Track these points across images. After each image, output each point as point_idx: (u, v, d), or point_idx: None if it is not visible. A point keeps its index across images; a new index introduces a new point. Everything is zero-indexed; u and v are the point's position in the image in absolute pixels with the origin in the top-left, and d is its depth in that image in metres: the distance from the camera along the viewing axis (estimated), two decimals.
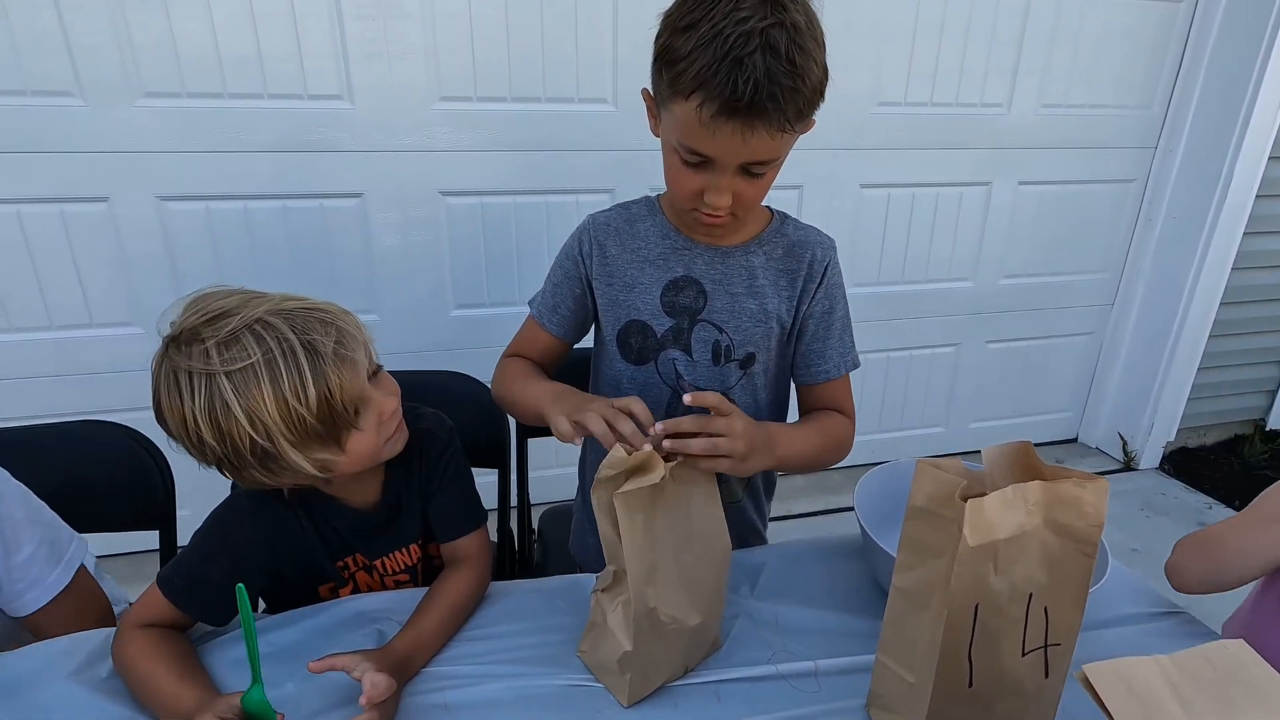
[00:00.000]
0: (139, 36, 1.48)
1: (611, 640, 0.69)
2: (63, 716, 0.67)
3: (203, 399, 0.67)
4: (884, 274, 2.14)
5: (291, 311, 0.71)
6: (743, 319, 0.90)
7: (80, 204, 1.56)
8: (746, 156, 0.75)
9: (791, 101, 0.70)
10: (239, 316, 0.68)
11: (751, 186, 0.78)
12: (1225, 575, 0.81)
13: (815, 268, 0.91)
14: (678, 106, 0.73)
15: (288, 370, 0.68)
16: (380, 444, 0.77)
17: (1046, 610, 0.62)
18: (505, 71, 1.69)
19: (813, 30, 0.72)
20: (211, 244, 1.66)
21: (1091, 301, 2.39)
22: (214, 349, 0.67)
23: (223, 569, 0.76)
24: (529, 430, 1.33)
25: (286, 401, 0.68)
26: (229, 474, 0.74)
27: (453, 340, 1.87)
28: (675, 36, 0.72)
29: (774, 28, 0.68)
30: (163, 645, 0.72)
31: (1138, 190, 2.27)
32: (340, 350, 0.71)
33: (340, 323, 0.73)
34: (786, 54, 0.69)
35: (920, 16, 1.89)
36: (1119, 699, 0.41)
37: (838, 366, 0.95)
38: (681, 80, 0.71)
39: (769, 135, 0.72)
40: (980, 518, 0.56)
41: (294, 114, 1.60)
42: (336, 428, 0.72)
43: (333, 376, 0.69)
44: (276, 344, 0.68)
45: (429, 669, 0.74)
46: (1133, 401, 2.42)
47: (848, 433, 0.95)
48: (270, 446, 0.69)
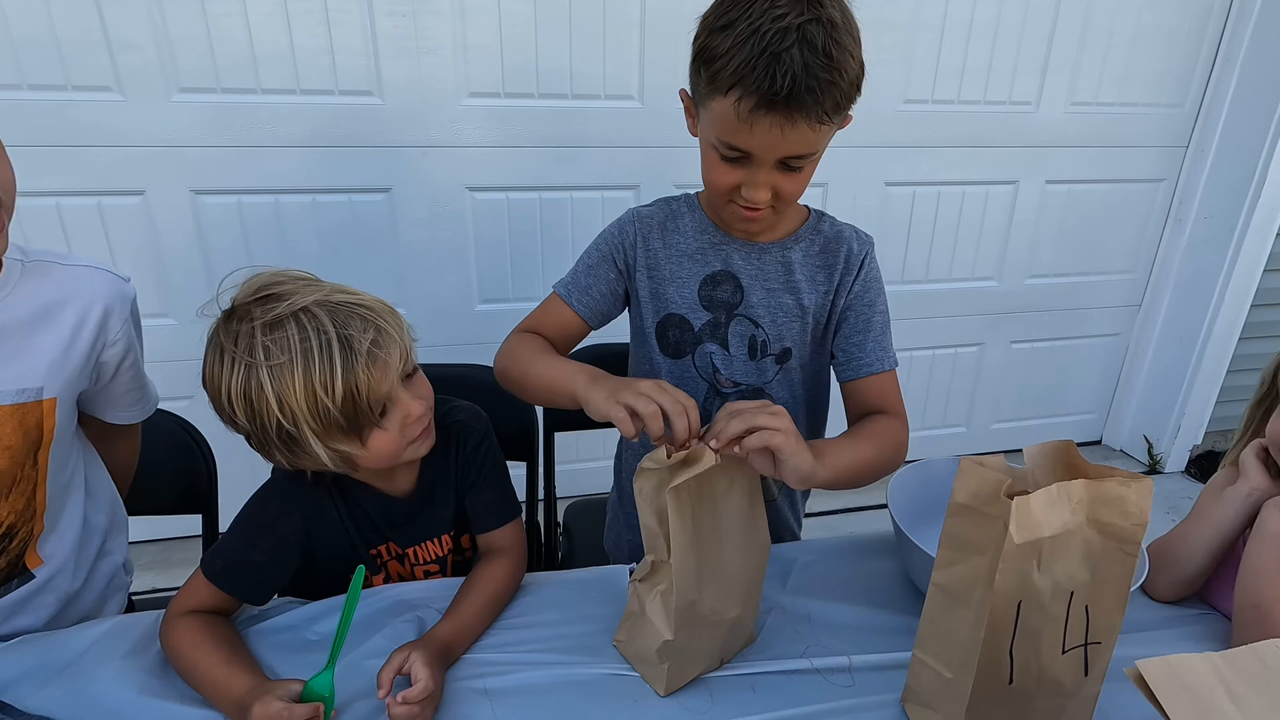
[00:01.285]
0: (176, 33, 1.50)
1: (650, 630, 0.70)
2: (116, 696, 0.69)
3: (240, 376, 0.70)
4: (908, 273, 2.14)
5: (337, 305, 0.72)
6: (779, 314, 0.91)
7: (117, 197, 1.59)
8: (784, 151, 0.76)
9: (829, 94, 0.72)
10: (287, 302, 0.70)
11: (790, 181, 0.79)
12: (1179, 566, 0.84)
13: (851, 261, 0.92)
14: (716, 103, 0.74)
15: (320, 362, 0.69)
16: (402, 445, 0.77)
17: (1087, 608, 0.62)
18: (533, 68, 1.70)
19: (849, 25, 0.74)
20: (243, 237, 1.69)
21: (1118, 302, 2.37)
22: (259, 329, 0.69)
23: (263, 550, 0.78)
24: (556, 424, 1.34)
25: (314, 392, 0.69)
26: (255, 448, 0.76)
27: (477, 334, 1.88)
28: (713, 36, 0.73)
29: (811, 24, 0.70)
30: (209, 631, 0.73)
31: (1167, 190, 2.24)
32: (374, 349, 0.72)
33: (380, 321, 0.73)
34: (824, 48, 0.70)
35: (949, 14, 1.88)
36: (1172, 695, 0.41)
37: (880, 360, 0.92)
38: (720, 77, 0.72)
39: (808, 128, 0.73)
40: (1026, 515, 0.57)
41: (325, 109, 1.63)
42: (359, 424, 0.73)
43: (362, 374, 0.70)
44: (315, 334, 0.69)
45: (468, 656, 0.75)
46: (1159, 404, 2.39)
47: (902, 435, 0.90)
48: (295, 431, 0.71)
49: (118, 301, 0.77)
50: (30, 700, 0.68)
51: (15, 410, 0.70)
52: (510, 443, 1.23)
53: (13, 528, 0.75)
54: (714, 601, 0.70)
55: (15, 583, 0.78)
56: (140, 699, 0.68)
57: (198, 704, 0.69)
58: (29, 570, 0.79)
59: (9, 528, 0.75)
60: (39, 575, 0.79)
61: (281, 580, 0.82)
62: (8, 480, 0.72)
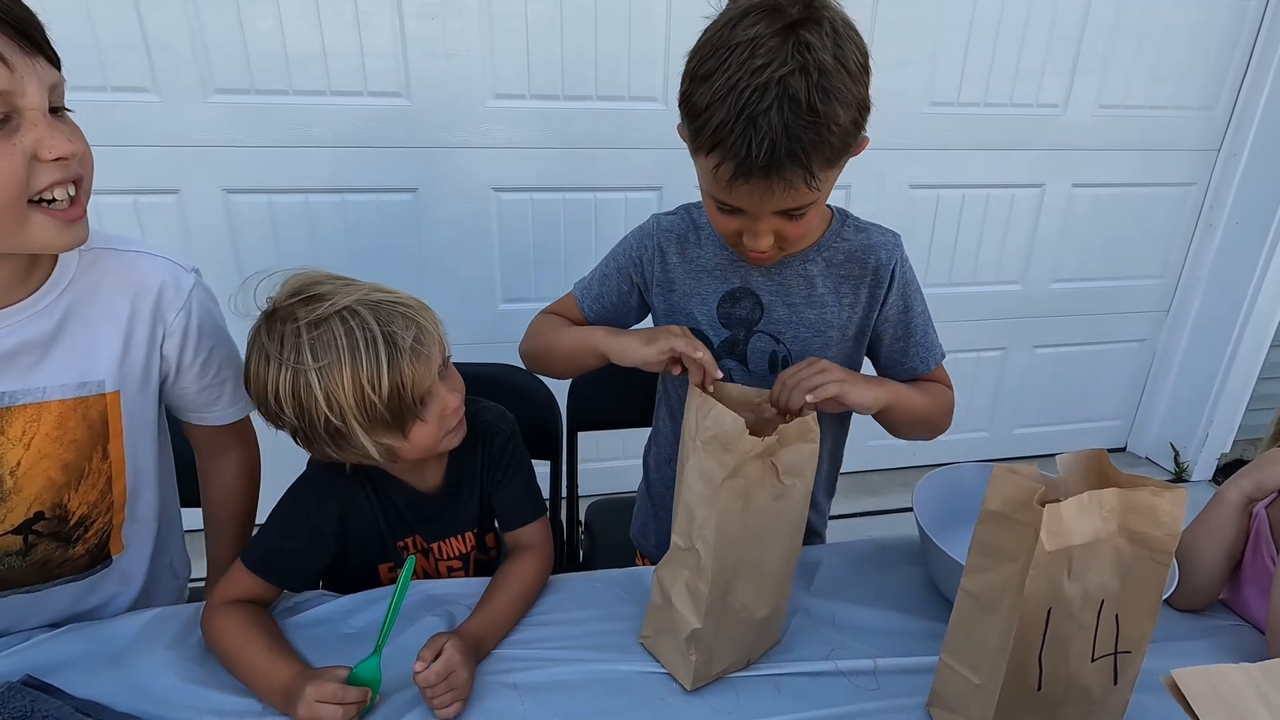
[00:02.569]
0: (212, 35, 1.53)
1: (678, 619, 0.71)
2: (160, 683, 0.71)
3: (288, 374, 0.71)
4: (930, 275, 2.12)
5: (378, 303, 0.74)
6: (800, 329, 0.89)
7: (153, 195, 1.63)
8: (774, 207, 0.72)
9: (816, 152, 0.67)
10: (330, 302, 0.72)
11: (792, 226, 0.75)
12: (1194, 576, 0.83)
13: (883, 272, 0.88)
14: (700, 160, 0.73)
15: (367, 358, 0.71)
16: (440, 436, 0.79)
17: (1118, 617, 0.62)
18: (559, 70, 1.71)
19: (843, 65, 0.66)
20: (273, 235, 1.72)
21: (1146, 307, 2.33)
22: (304, 329, 0.71)
23: (299, 539, 0.81)
24: (579, 423, 1.35)
25: (362, 387, 0.71)
26: (301, 444, 0.78)
27: (499, 333, 1.90)
28: (694, 85, 0.69)
29: (793, 75, 0.64)
30: (250, 621, 0.75)
31: (1198, 194, 2.20)
32: (417, 346, 0.74)
33: (420, 319, 0.76)
34: (808, 102, 0.64)
35: (977, 14, 1.86)
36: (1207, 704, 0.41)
37: (925, 363, 0.92)
38: (700, 136, 0.69)
39: (792, 190, 0.69)
40: (1058, 523, 0.57)
41: (354, 110, 1.65)
42: (403, 417, 0.75)
43: (406, 369, 0.73)
44: (361, 332, 0.72)
45: (497, 651, 0.77)
46: (1187, 411, 2.35)
47: (951, 400, 0.94)
48: (342, 426, 0.73)
49: (172, 290, 0.75)
50: (79, 686, 0.70)
51: (78, 404, 0.71)
52: (534, 442, 1.25)
53: (86, 518, 0.76)
54: (746, 598, 0.71)
55: (99, 568, 0.81)
56: (184, 686, 0.71)
57: (238, 693, 0.71)
58: (110, 557, 0.81)
59: (82, 518, 0.76)
60: (117, 561, 0.82)
61: (319, 568, 0.84)
62: (76, 472, 0.73)
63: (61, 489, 0.73)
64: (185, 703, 0.69)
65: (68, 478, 0.73)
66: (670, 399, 1.02)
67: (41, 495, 0.72)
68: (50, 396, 0.69)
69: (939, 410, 0.91)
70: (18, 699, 0.64)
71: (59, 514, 0.74)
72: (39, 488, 0.71)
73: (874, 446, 2.31)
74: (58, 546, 0.75)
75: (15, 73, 0.55)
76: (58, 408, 0.70)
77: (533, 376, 1.24)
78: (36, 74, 0.57)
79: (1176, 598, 0.85)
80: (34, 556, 0.74)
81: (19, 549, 0.73)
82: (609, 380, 1.31)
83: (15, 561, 0.74)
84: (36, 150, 0.58)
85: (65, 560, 0.77)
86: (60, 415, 0.70)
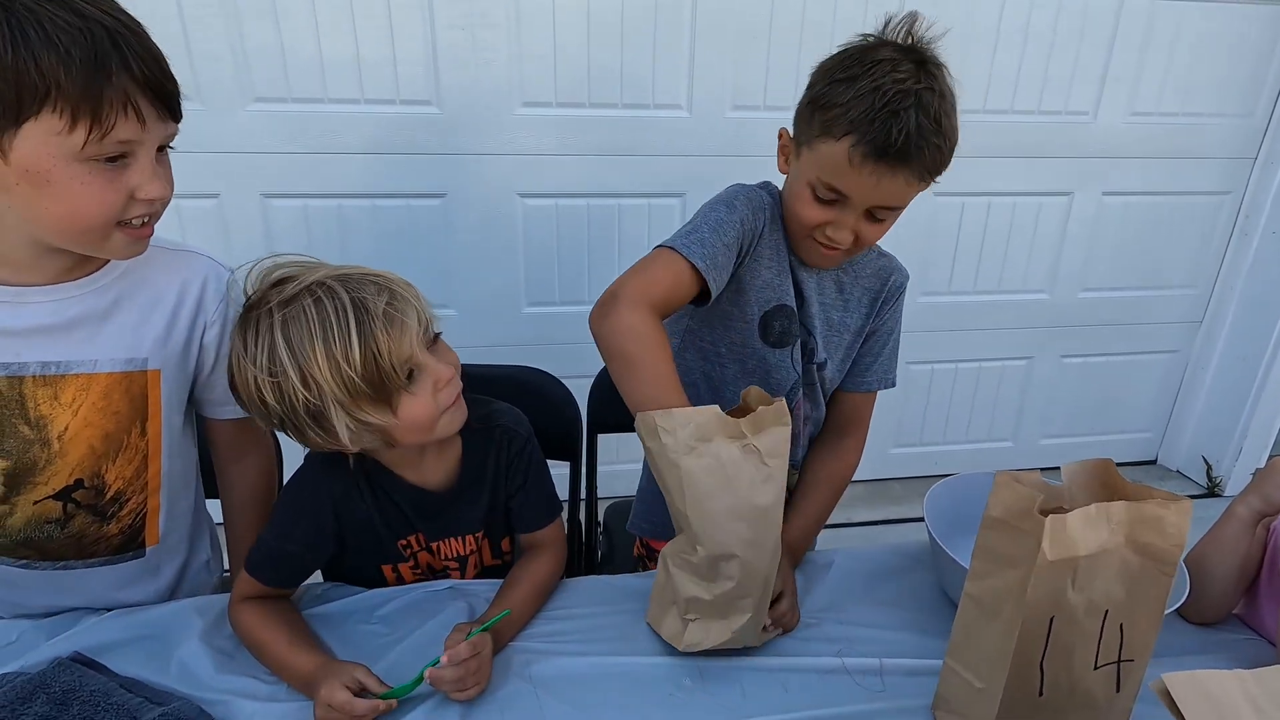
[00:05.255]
0: (252, 44, 1.60)
1: (677, 590, 0.74)
2: (197, 668, 0.76)
3: (264, 359, 0.71)
4: (955, 283, 2.11)
5: (347, 276, 0.74)
6: (826, 328, 0.97)
7: (195, 200, 1.70)
8: (877, 200, 0.82)
9: (934, 155, 0.79)
10: (298, 281, 0.72)
11: (872, 229, 0.85)
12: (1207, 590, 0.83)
13: (893, 292, 1.00)
14: (825, 146, 0.81)
15: (338, 327, 0.70)
16: (437, 413, 0.77)
17: (1122, 626, 0.63)
18: (585, 78, 1.74)
19: (953, 100, 0.82)
20: (307, 239, 1.77)
21: (1177, 318, 2.29)
22: (275, 309, 0.71)
23: (297, 540, 0.81)
24: (599, 425, 1.38)
25: (336, 360, 0.70)
26: (293, 436, 0.76)
27: (524, 336, 1.94)
28: (834, 86, 0.80)
29: (926, 91, 0.78)
30: (270, 615, 0.78)
31: (1233, 203, 2.16)
32: (390, 311, 0.72)
33: (394, 287, 0.74)
34: (935, 115, 0.78)
35: (1004, 22, 1.85)
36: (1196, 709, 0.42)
37: (880, 380, 1.03)
38: (836, 123, 0.79)
39: (905, 182, 0.80)
40: (1061, 533, 0.58)
41: (386, 118, 1.70)
42: (386, 389, 0.73)
43: (381, 336, 0.71)
44: (330, 302, 0.71)
45: (513, 644, 0.80)
46: (1219, 424, 2.30)
47: (854, 469, 1.05)
48: (320, 405, 0.71)
49: (213, 282, 0.81)
50: (122, 666, 0.75)
51: (123, 378, 0.76)
52: (554, 443, 1.27)
53: (121, 493, 0.80)
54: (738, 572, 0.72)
55: (130, 555, 0.85)
56: (218, 675, 0.75)
57: (270, 681, 0.75)
58: (143, 546, 0.85)
59: (117, 493, 0.80)
60: (150, 553, 0.86)
61: (320, 565, 0.86)
62: (115, 444, 0.78)
63: (101, 458, 0.78)
64: (219, 686, 0.73)
65: (107, 448, 0.78)
66: None
67: (83, 462, 0.77)
68: (100, 369, 0.75)
69: (837, 499, 1.04)
70: (67, 674, 0.68)
71: (96, 484, 0.78)
72: (81, 454, 0.76)
73: (894, 455, 2.30)
74: (94, 520, 0.80)
75: (146, 129, 0.64)
76: (106, 379, 0.75)
77: (555, 380, 1.27)
78: (161, 129, 0.66)
79: (1190, 610, 0.85)
80: (71, 529, 0.79)
81: (58, 517, 0.78)
82: None
83: (54, 530, 0.78)
84: (136, 190, 0.66)
85: (100, 538, 0.81)
86: (107, 387, 0.76)
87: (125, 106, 0.61)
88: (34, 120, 0.59)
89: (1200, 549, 0.84)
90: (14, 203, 0.64)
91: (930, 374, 2.21)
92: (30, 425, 0.73)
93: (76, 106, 0.59)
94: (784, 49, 1.79)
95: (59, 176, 0.62)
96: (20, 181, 0.62)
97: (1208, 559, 0.83)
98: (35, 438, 0.74)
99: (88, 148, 0.61)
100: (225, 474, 0.93)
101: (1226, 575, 0.82)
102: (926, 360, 2.18)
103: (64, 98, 0.59)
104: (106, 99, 0.60)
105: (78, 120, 0.60)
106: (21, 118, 0.59)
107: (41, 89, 0.58)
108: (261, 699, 0.73)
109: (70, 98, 0.59)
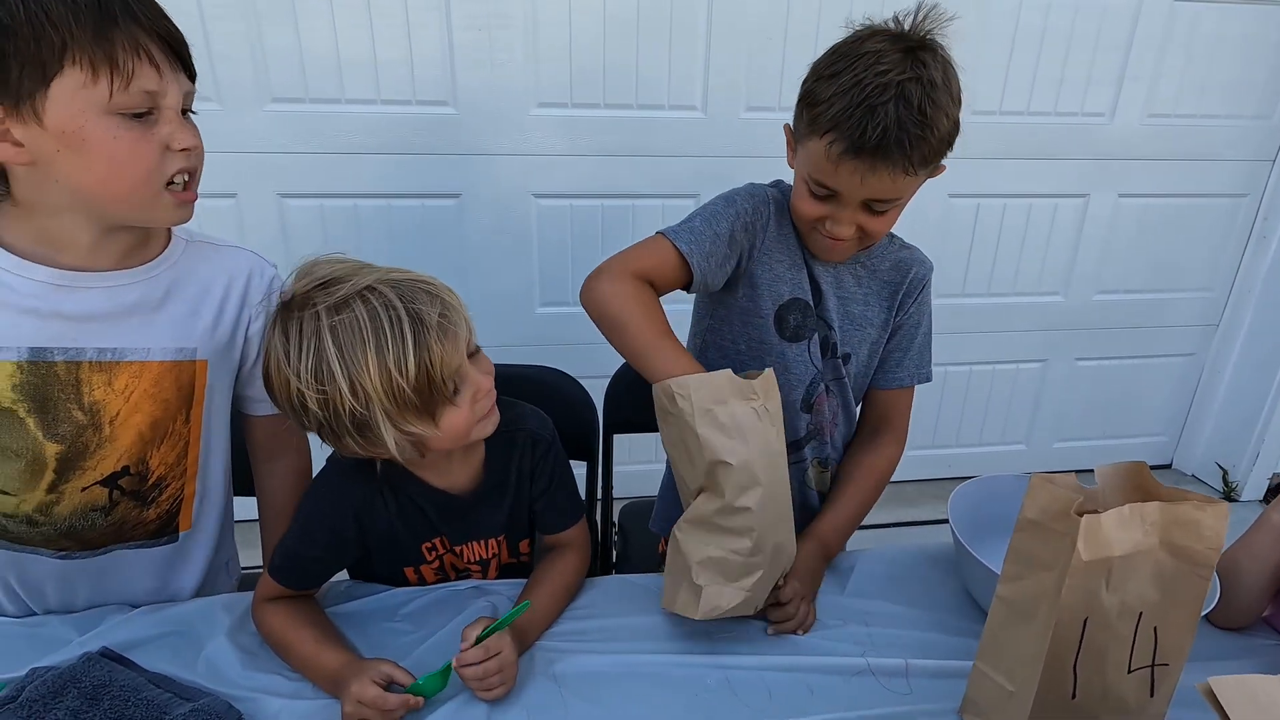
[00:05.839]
0: (270, 45, 1.60)
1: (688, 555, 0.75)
2: (224, 665, 0.76)
3: (310, 361, 0.68)
4: (969, 285, 2.10)
5: (399, 281, 0.72)
6: (846, 321, 0.97)
7: (212, 199, 1.70)
8: (866, 194, 0.81)
9: (917, 148, 0.77)
10: (350, 283, 0.70)
11: (874, 221, 0.85)
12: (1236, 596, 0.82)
13: (915, 284, 0.98)
14: (812, 143, 0.81)
15: (392, 338, 0.68)
16: (473, 422, 0.77)
17: (1156, 630, 0.62)
18: (600, 79, 1.74)
19: (949, 86, 0.79)
20: (323, 238, 1.78)
21: (1194, 321, 2.27)
22: (324, 314, 0.68)
23: (319, 545, 0.81)
24: (614, 426, 1.38)
25: (389, 371, 0.68)
26: (329, 441, 0.75)
27: (537, 336, 1.94)
28: (820, 82, 0.80)
29: (910, 81, 0.76)
30: (295, 614, 0.78)
31: (1251, 205, 2.14)
32: (444, 322, 0.71)
33: (445, 296, 0.74)
34: (919, 105, 0.76)
35: (1020, 23, 1.85)
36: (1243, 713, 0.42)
37: (912, 376, 1.02)
38: (819, 120, 0.79)
39: (890, 177, 0.79)
40: (1096, 534, 0.57)
41: (403, 118, 1.71)
42: (433, 401, 0.72)
43: (435, 347, 0.70)
44: (385, 312, 0.69)
45: (537, 642, 0.79)
46: (1236, 429, 2.28)
47: (894, 465, 1.04)
48: (368, 415, 0.69)
49: (258, 276, 0.84)
50: (150, 663, 0.75)
51: (174, 367, 0.79)
52: (571, 443, 1.26)
53: (163, 479, 0.82)
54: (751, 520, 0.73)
55: (164, 539, 0.86)
56: (245, 672, 0.75)
57: (295, 678, 0.75)
58: (177, 531, 0.87)
59: (159, 479, 0.82)
60: (183, 538, 0.87)
61: (343, 567, 0.86)
62: (161, 430, 0.80)
63: (148, 444, 0.80)
64: (246, 683, 0.74)
65: (154, 434, 0.80)
66: None
67: (131, 448, 0.79)
68: (153, 357, 0.78)
69: (876, 496, 1.03)
70: (97, 669, 0.68)
71: (141, 470, 0.80)
72: (130, 440, 0.78)
73: (908, 457, 2.25)
74: (135, 506, 0.82)
75: (164, 79, 0.67)
76: (157, 368, 0.78)
77: (572, 380, 1.27)
78: (177, 83, 0.69)
79: (1218, 615, 0.84)
80: (114, 516, 0.81)
81: (104, 505, 0.80)
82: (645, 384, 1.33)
83: (98, 519, 0.80)
84: (169, 142, 0.69)
85: (139, 523, 0.83)
86: (159, 375, 0.78)
87: (138, 52, 0.64)
88: (60, 77, 0.62)
89: (1231, 554, 0.83)
90: (60, 174, 0.67)
91: (944, 376, 2.20)
92: (84, 410, 0.75)
93: (93, 54, 0.62)
94: (799, 50, 1.78)
95: (93, 133, 0.65)
96: (60, 147, 0.65)
97: (1239, 565, 0.82)
98: (88, 422, 0.76)
99: (114, 99, 0.64)
100: (261, 472, 0.94)
101: (1257, 582, 0.81)
102: (940, 362, 2.14)
103: (79, 47, 0.62)
104: (119, 43, 0.63)
105: (98, 70, 0.63)
106: (49, 75, 0.62)
107: (58, 42, 0.61)
108: (287, 696, 0.73)
109: (85, 46, 0.62)
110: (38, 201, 0.70)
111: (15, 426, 0.73)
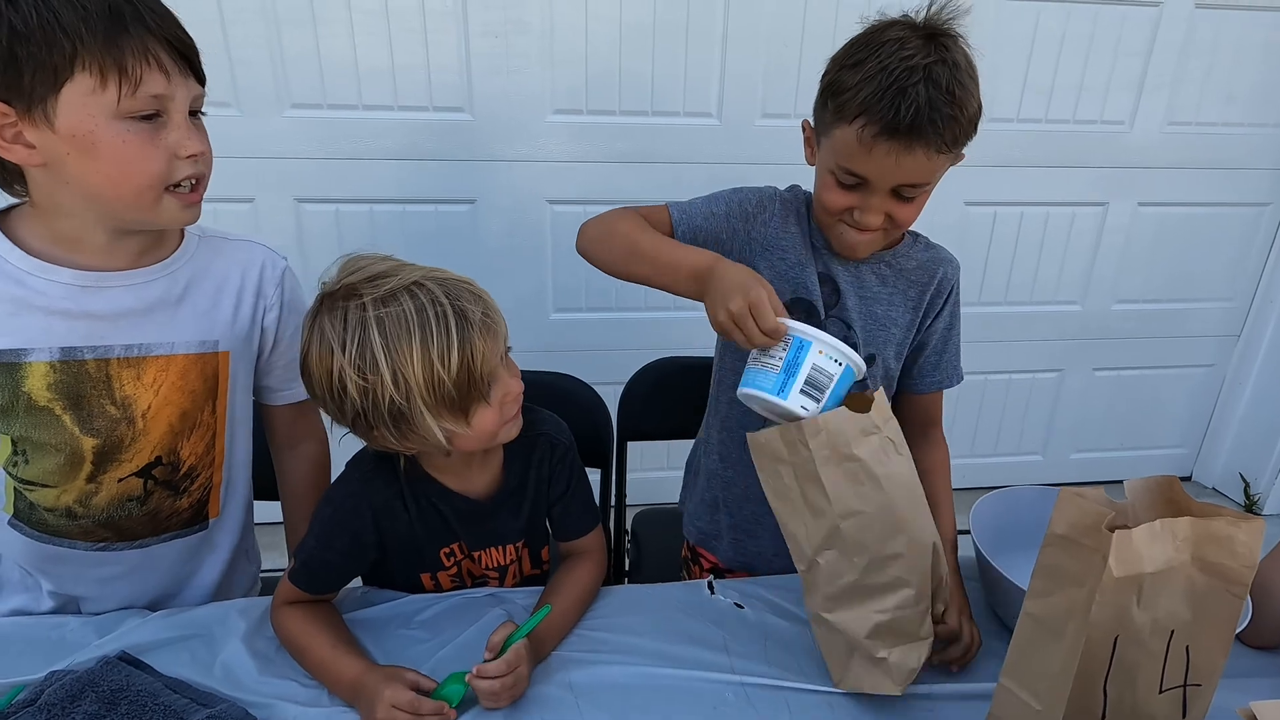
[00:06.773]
0: (289, 51, 1.62)
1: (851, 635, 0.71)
2: (241, 667, 0.76)
3: (354, 350, 0.69)
4: (986, 294, 2.08)
5: (445, 279, 0.74)
6: (869, 321, 0.95)
7: (230, 204, 1.72)
8: (899, 178, 0.81)
9: (949, 127, 0.78)
10: (397, 278, 0.71)
11: (902, 208, 0.84)
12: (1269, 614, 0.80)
13: (944, 285, 0.97)
14: (839, 131, 0.81)
15: (438, 332, 0.69)
16: (501, 424, 0.78)
17: (1188, 649, 0.61)
18: (616, 85, 1.75)
19: (970, 69, 0.80)
20: (338, 243, 1.79)
21: (1214, 332, 2.24)
22: (370, 305, 0.69)
23: (338, 550, 0.81)
24: (628, 433, 1.37)
25: (432, 363, 0.69)
26: (360, 432, 0.75)
27: (551, 342, 1.94)
28: (843, 72, 0.81)
29: (936, 64, 0.77)
30: (312, 619, 0.78)
31: (1273, 215, 2.11)
32: (486, 320, 0.73)
33: (485, 297, 0.76)
34: (947, 87, 0.77)
35: (1040, 29, 1.83)
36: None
37: (950, 378, 1.02)
38: (847, 107, 0.79)
39: (925, 157, 0.78)
40: (1127, 549, 0.56)
41: (419, 124, 1.71)
42: (469, 398, 0.73)
43: (478, 343, 0.71)
44: (431, 306, 0.70)
45: (554, 653, 0.79)
46: (1258, 440, 2.24)
47: (949, 456, 1.04)
48: (406, 407, 0.70)
49: (270, 268, 0.87)
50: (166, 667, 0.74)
51: (198, 359, 0.81)
52: (585, 449, 1.25)
53: (193, 469, 0.85)
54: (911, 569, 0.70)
55: (196, 528, 0.89)
56: (261, 678, 0.75)
57: (311, 685, 0.75)
58: (207, 519, 0.89)
59: (190, 469, 0.85)
60: (212, 525, 0.90)
61: (361, 573, 0.86)
62: (190, 421, 0.83)
63: (178, 435, 0.82)
64: (262, 689, 0.73)
65: (183, 425, 0.82)
66: (720, 406, 1.03)
67: (163, 440, 0.81)
68: (178, 350, 0.80)
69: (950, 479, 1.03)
70: (115, 673, 0.68)
71: (172, 461, 0.83)
72: (161, 432, 0.81)
73: None
74: (168, 495, 0.84)
75: (172, 83, 0.68)
76: (183, 360, 0.80)
77: (586, 386, 1.27)
78: (186, 87, 0.70)
79: (1249, 634, 0.82)
80: (149, 505, 0.83)
81: (139, 494, 0.82)
82: (659, 392, 1.33)
83: (134, 508, 0.82)
84: (176, 149, 0.70)
85: (172, 513, 0.85)
86: (184, 367, 0.80)
87: (147, 57, 0.65)
88: (70, 83, 0.64)
89: (1263, 572, 0.81)
90: (70, 177, 0.68)
91: (959, 385, 2.18)
92: (116, 405, 0.78)
93: (103, 61, 0.64)
94: (815, 57, 1.73)
95: (103, 137, 0.66)
96: (71, 150, 0.66)
97: (1271, 582, 0.80)
98: (121, 416, 0.78)
99: (122, 103, 0.65)
100: (281, 461, 0.97)
101: None
102: None
103: (89, 53, 0.63)
104: (128, 50, 0.64)
105: (107, 75, 0.64)
106: (59, 80, 0.63)
107: (69, 48, 0.63)
108: (303, 703, 0.72)
109: (95, 52, 0.63)
110: (53, 203, 0.71)
111: (53, 423, 0.76)
